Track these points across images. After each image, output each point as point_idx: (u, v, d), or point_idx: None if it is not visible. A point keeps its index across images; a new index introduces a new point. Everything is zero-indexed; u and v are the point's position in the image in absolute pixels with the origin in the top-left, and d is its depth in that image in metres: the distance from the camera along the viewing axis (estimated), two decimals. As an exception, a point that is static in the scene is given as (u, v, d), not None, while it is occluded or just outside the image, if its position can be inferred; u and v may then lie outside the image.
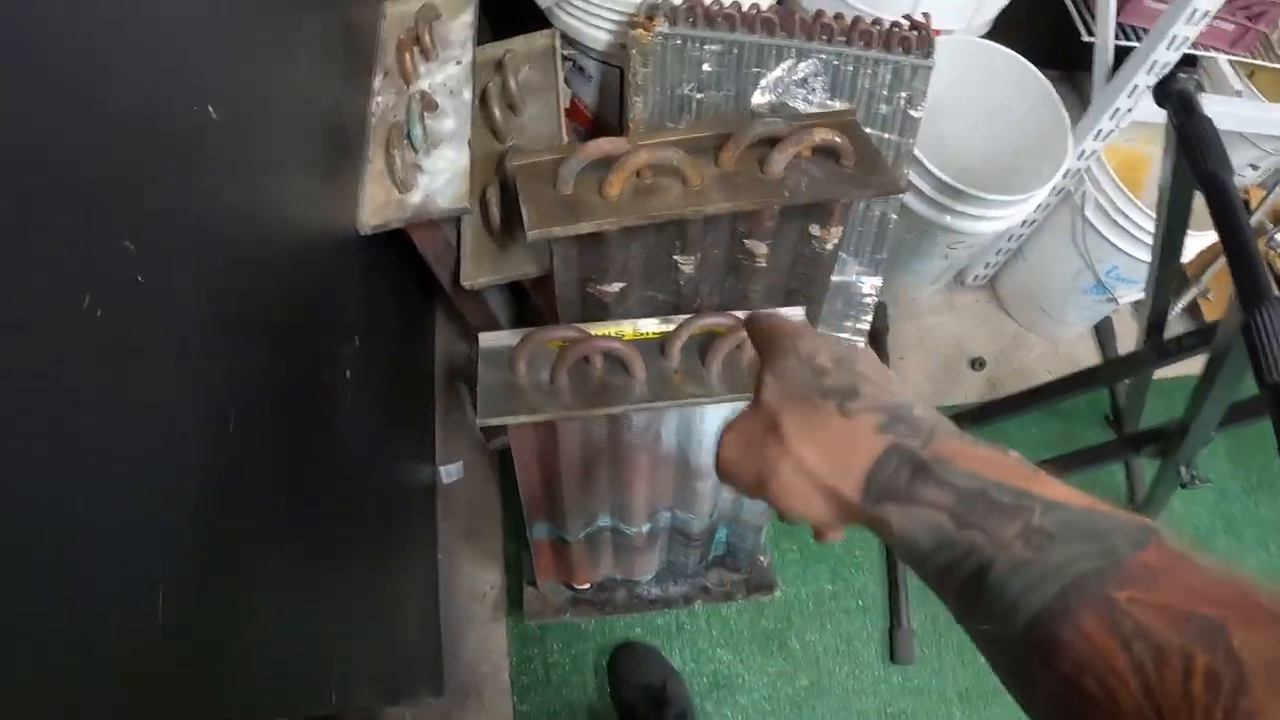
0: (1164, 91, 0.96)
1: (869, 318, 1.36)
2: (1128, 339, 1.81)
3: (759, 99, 1.15)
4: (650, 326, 0.97)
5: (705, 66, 1.13)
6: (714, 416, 0.99)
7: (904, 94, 1.14)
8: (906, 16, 1.13)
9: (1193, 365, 1.15)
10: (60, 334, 0.44)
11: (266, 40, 0.80)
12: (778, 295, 1.09)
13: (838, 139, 0.92)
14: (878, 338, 1.65)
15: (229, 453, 0.65)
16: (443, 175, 1.02)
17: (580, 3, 1.22)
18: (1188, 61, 1.33)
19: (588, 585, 1.35)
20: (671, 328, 0.96)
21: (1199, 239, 1.35)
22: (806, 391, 0.44)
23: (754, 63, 1.12)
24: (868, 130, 1.14)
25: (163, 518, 0.55)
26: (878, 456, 0.40)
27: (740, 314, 1.02)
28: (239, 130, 0.70)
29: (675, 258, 0.99)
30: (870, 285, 1.32)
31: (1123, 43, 1.40)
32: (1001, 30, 1.55)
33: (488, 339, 1.01)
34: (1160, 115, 1.37)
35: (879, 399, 0.43)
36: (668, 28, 1.10)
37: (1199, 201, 0.97)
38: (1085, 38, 1.40)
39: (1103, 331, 1.80)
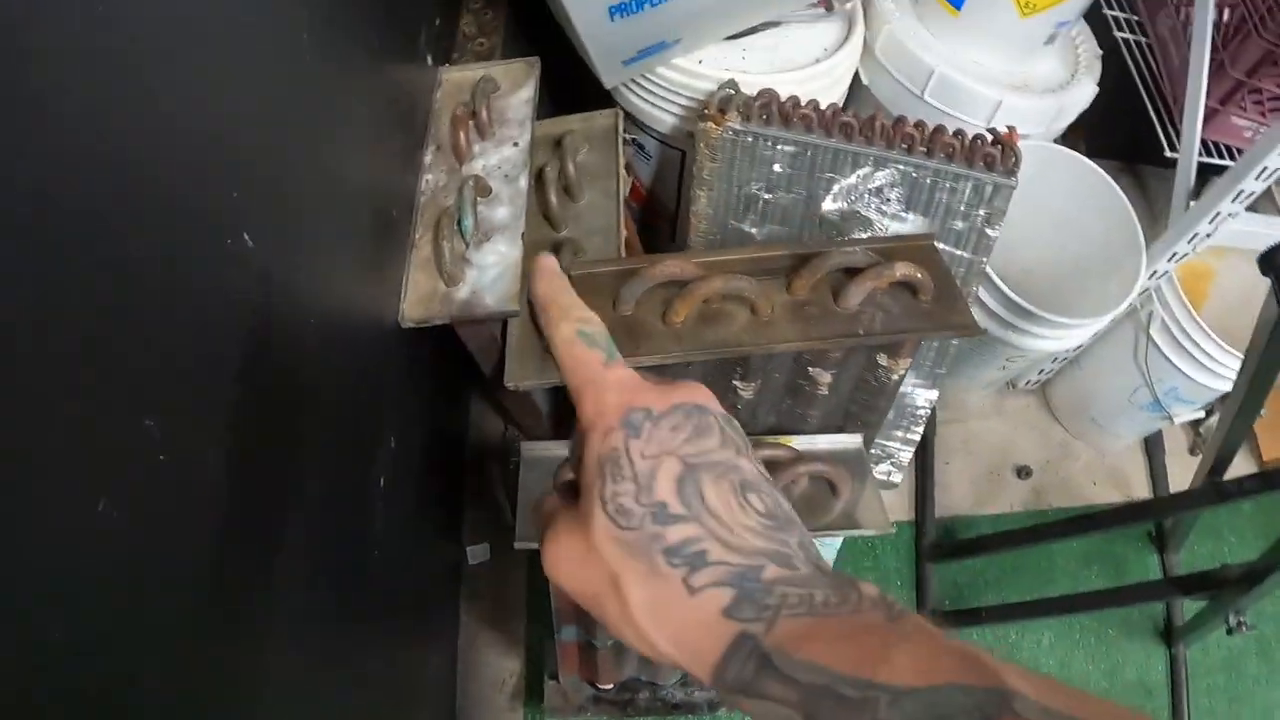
0: (1270, 263, 0.90)
1: (920, 429, 1.30)
2: (1177, 453, 1.75)
3: (830, 205, 1.09)
4: (701, 449, 0.91)
5: (776, 167, 1.07)
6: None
7: (982, 212, 1.08)
8: (991, 130, 1.07)
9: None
10: (69, 550, 0.38)
11: (312, 130, 0.73)
12: (835, 418, 1.03)
13: (919, 275, 0.86)
14: (924, 444, 1.58)
15: (255, 591, 0.60)
16: (492, 270, 0.95)
17: (649, 85, 1.17)
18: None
19: (611, 685, 1.29)
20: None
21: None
22: (647, 547, 0.38)
23: (828, 167, 1.06)
24: (939, 245, 1.08)
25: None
26: (725, 649, 0.37)
27: (799, 445, 0.97)
28: (278, 249, 0.63)
29: (735, 383, 0.93)
30: (925, 398, 1.26)
31: (1205, 159, 1.34)
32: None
33: (530, 449, 0.95)
34: (1241, 240, 1.32)
35: (726, 566, 0.38)
36: (740, 123, 1.04)
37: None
38: (1168, 153, 1.34)
39: (1152, 444, 1.74)
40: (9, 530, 0.34)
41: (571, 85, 1.24)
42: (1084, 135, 1.59)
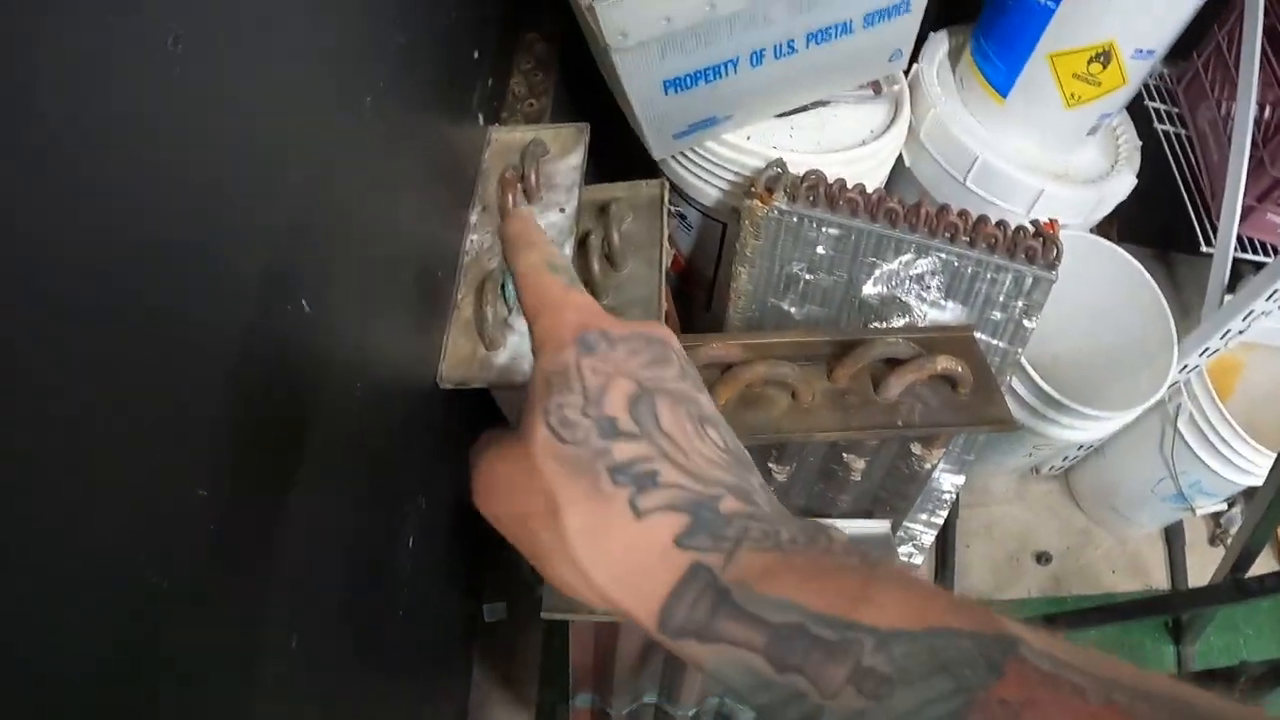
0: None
1: (944, 513, 1.30)
2: (1197, 542, 1.74)
3: (870, 289, 1.09)
4: (731, 528, 0.91)
5: (820, 248, 1.07)
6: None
7: (1021, 303, 1.08)
8: (1034, 222, 1.08)
9: None
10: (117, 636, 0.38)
11: (370, 193, 0.73)
12: (864, 502, 1.03)
13: (960, 369, 0.86)
14: (946, 527, 1.57)
15: (288, 670, 0.59)
16: (534, 336, 0.96)
17: (695, 157, 1.18)
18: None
19: (619, 757, 1.28)
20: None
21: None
22: (592, 463, 0.33)
23: (871, 252, 1.07)
24: (976, 335, 1.08)
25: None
26: (674, 583, 0.32)
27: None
28: (333, 313, 0.63)
29: (770, 465, 0.93)
30: (951, 483, 1.25)
31: (1240, 255, 1.35)
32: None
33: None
34: (1272, 336, 1.32)
35: (680, 489, 0.33)
36: (786, 204, 1.05)
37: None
38: (1204, 248, 1.35)
39: (1172, 533, 1.72)
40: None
41: (615, 150, 1.25)
42: (1117, 223, 1.60)
